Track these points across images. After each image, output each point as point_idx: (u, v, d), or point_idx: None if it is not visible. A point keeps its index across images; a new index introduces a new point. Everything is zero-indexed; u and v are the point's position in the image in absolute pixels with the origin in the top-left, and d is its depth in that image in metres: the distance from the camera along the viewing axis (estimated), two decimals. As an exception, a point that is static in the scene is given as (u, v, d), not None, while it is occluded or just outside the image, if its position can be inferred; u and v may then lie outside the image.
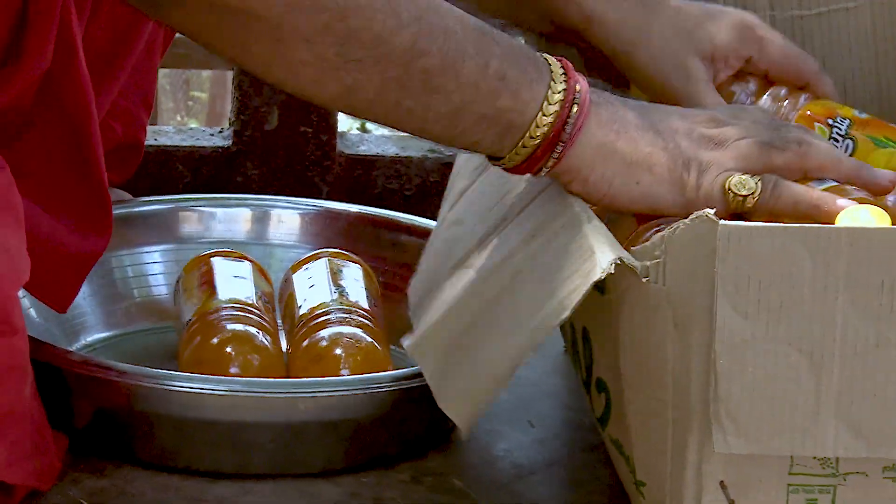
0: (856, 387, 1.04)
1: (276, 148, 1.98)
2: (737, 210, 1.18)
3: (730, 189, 1.16)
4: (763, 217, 1.16)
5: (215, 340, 1.35)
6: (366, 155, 2.00)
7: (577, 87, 1.14)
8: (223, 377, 1.30)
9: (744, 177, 1.16)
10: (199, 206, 1.63)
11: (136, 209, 1.48)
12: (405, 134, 1.32)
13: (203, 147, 2.00)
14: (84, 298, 1.46)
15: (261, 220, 1.63)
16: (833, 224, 1.11)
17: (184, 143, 2.00)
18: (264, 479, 1.26)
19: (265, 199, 1.67)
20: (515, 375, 1.40)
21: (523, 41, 1.38)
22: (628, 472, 1.17)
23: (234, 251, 1.51)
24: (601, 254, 1.05)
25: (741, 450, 1.05)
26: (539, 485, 1.29)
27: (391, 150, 2.02)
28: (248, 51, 1.11)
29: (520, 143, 1.13)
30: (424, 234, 1.52)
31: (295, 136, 1.97)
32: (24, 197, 1.23)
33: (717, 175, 1.17)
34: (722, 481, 1.08)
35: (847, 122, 1.32)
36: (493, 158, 1.16)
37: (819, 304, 1.02)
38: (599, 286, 1.11)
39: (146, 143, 1.94)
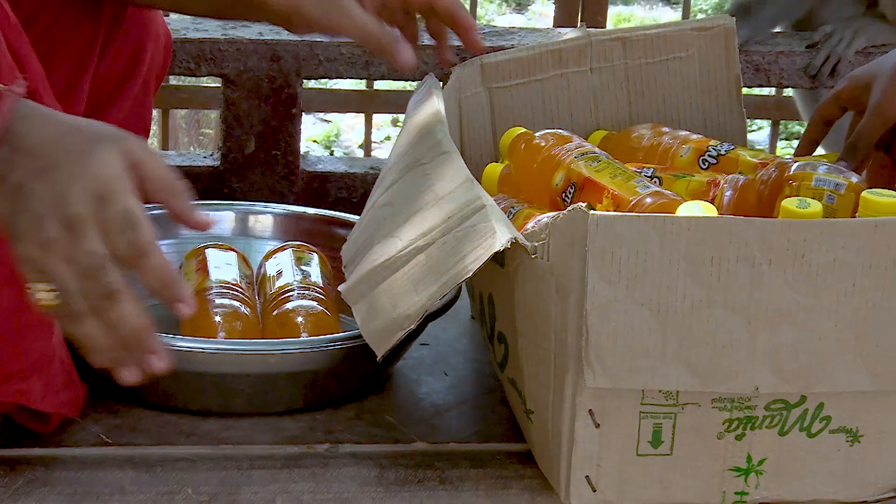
0: (692, 337, 1.05)
1: (254, 167, 1.97)
2: None
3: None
4: None
5: (208, 311, 1.35)
6: (322, 171, 2.00)
7: None
8: (212, 339, 1.29)
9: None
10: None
11: (147, 213, 1.46)
12: (355, 156, 1.32)
13: (198, 166, 1.99)
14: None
15: (242, 220, 1.61)
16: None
17: (184, 163, 1.99)
18: (242, 417, 1.25)
19: (246, 205, 1.65)
20: (434, 338, 1.42)
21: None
22: (520, 404, 1.17)
23: (222, 244, 1.50)
24: (501, 233, 1.05)
25: (605, 385, 1.05)
26: (452, 419, 1.28)
27: (341, 168, 2.01)
28: None
29: None
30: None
31: (268, 158, 1.97)
32: None
33: None
34: (590, 409, 1.08)
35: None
36: None
37: (664, 274, 1.03)
38: (500, 261, 1.11)
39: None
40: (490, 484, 1.17)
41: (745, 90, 2.16)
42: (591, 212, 1.02)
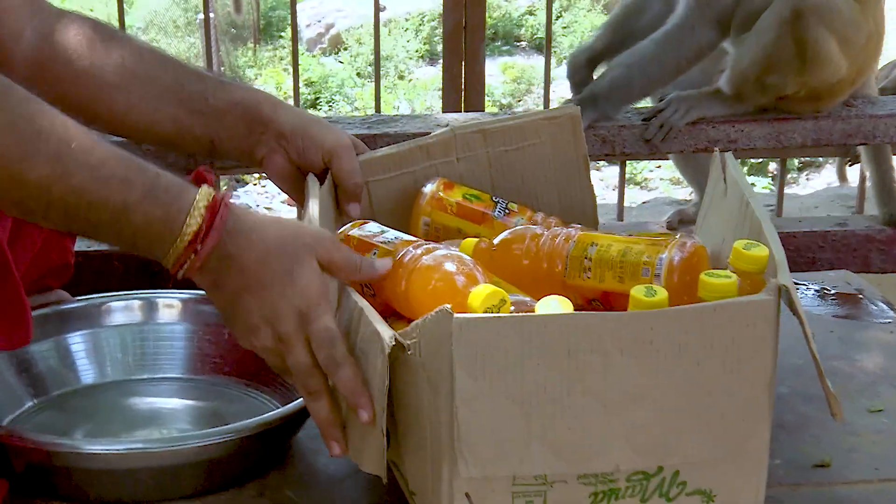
0: (555, 423, 0.90)
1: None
2: None
3: None
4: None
5: None
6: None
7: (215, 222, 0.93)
8: (119, 440, 1.12)
9: None
10: (105, 301, 1.36)
11: (65, 307, 1.32)
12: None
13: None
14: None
15: (150, 307, 1.37)
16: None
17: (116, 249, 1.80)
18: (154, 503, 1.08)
19: (152, 293, 1.38)
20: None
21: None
22: (405, 485, 1.01)
23: None
24: (384, 335, 0.92)
25: (477, 474, 0.90)
26: (349, 489, 1.11)
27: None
28: None
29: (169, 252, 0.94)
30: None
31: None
32: None
33: None
34: (467, 493, 0.92)
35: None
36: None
37: (524, 368, 0.88)
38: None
39: (96, 248, 1.74)
40: (379, 551, 1.01)
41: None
42: (455, 315, 0.87)
